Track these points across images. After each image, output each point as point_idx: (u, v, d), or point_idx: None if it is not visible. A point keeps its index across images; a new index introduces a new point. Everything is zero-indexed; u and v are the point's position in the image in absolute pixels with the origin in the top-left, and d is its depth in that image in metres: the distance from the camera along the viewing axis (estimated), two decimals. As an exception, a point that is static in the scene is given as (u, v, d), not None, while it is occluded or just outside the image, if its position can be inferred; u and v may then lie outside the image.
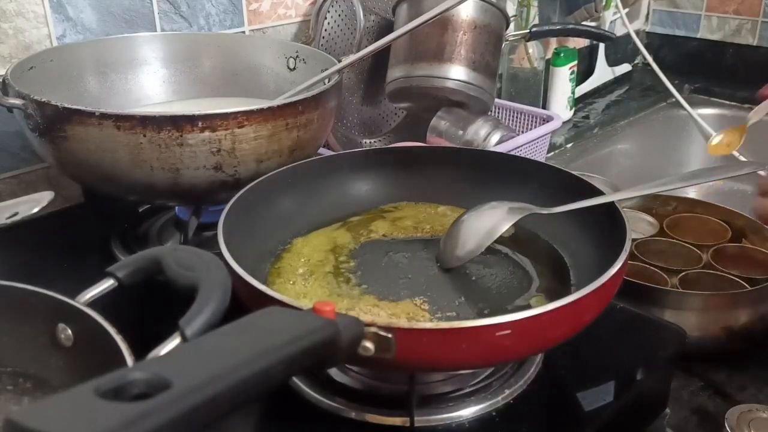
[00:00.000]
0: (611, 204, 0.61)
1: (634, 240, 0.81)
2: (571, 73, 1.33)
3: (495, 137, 0.97)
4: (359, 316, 0.44)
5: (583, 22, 1.42)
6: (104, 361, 0.46)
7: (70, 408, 0.26)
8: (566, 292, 0.58)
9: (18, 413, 0.25)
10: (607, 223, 0.60)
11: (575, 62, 1.33)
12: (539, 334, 0.49)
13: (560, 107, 1.34)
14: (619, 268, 0.51)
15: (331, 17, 1.03)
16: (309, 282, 0.61)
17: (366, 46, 0.76)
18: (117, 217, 0.81)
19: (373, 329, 0.44)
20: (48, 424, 0.25)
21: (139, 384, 0.29)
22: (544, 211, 0.63)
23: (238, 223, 0.60)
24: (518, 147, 0.97)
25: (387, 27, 1.08)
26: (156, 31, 0.94)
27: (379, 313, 0.56)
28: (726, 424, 0.59)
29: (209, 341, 0.34)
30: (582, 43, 1.50)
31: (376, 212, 0.73)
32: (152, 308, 0.63)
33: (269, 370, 0.33)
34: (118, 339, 0.47)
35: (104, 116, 0.63)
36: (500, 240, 0.63)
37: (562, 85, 1.33)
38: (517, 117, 1.15)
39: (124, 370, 0.29)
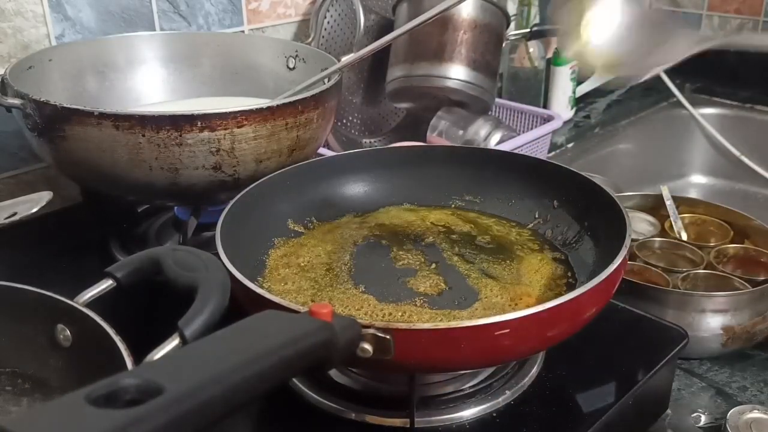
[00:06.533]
0: (613, 202, 0.61)
1: (635, 240, 0.80)
2: (572, 73, 1.33)
3: (495, 137, 0.97)
4: (357, 318, 0.44)
5: (584, 22, 1.41)
6: (103, 361, 0.46)
7: (60, 415, 0.26)
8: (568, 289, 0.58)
9: (8, 421, 0.25)
10: (608, 222, 0.60)
11: (576, 62, 1.33)
12: (539, 333, 0.48)
13: (561, 107, 1.34)
14: (618, 266, 0.51)
15: (331, 16, 1.03)
16: (307, 284, 0.61)
17: (366, 46, 0.76)
18: (116, 217, 0.80)
19: (371, 331, 0.44)
20: (38, 431, 0.25)
21: (130, 390, 0.28)
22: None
23: (236, 225, 0.60)
24: (519, 147, 0.97)
25: (387, 26, 1.08)
26: (155, 30, 0.94)
27: (378, 314, 0.56)
28: (727, 425, 0.59)
29: (203, 345, 0.34)
30: (583, 42, 1.49)
31: (376, 212, 0.72)
32: (151, 309, 0.63)
33: (263, 375, 0.32)
34: (117, 339, 0.47)
35: (103, 116, 0.63)
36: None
37: (563, 85, 1.33)
38: (517, 116, 1.14)
39: (116, 377, 0.29)
